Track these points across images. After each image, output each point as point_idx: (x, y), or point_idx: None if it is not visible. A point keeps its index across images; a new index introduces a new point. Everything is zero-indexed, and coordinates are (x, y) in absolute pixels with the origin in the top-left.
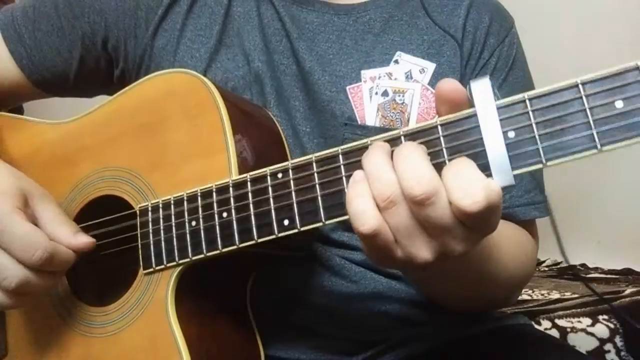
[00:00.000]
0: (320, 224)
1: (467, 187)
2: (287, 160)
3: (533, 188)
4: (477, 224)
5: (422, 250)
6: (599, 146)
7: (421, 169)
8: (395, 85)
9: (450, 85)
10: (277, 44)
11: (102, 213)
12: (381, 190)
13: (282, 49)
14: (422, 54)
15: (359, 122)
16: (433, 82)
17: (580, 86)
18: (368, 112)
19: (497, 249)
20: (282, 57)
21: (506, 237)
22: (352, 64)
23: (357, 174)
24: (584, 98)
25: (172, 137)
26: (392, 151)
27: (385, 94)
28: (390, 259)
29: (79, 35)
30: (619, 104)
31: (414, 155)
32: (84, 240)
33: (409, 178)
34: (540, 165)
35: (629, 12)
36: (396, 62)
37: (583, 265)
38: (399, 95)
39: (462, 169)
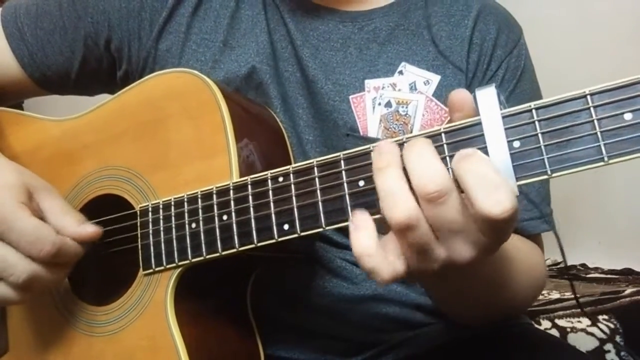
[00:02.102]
0: (321, 229)
1: (491, 191)
2: (289, 160)
3: (541, 201)
4: (494, 230)
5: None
6: (605, 158)
7: (434, 165)
8: (399, 96)
9: (462, 95)
10: (283, 50)
11: (103, 212)
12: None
13: (287, 55)
14: (427, 66)
15: (361, 133)
16: (437, 94)
17: (588, 97)
18: (370, 123)
19: (510, 260)
20: (287, 64)
21: (518, 248)
22: (356, 73)
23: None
24: (592, 109)
25: (173, 137)
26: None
27: (388, 104)
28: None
29: (81, 35)
30: (628, 116)
31: (425, 151)
32: (89, 229)
33: (420, 175)
34: (545, 177)
35: (635, 14)
36: (400, 72)
37: (583, 265)
38: (403, 107)
39: (479, 166)
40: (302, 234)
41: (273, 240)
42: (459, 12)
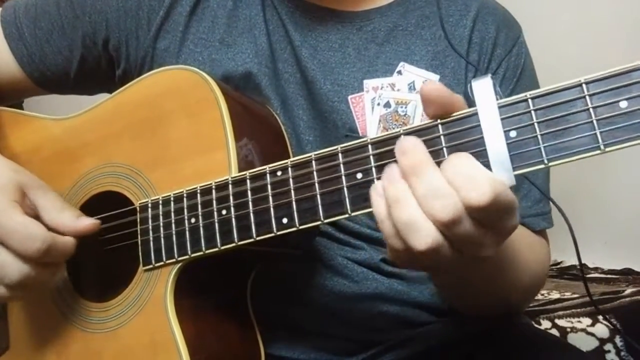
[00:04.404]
0: (319, 222)
1: (472, 181)
2: (288, 156)
3: (542, 199)
4: (489, 218)
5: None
6: (602, 147)
7: (442, 191)
8: (398, 96)
9: (437, 86)
10: (282, 51)
11: (103, 209)
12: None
13: (287, 56)
14: (425, 65)
15: (360, 134)
16: None
17: (583, 85)
18: (369, 124)
19: (514, 251)
20: (287, 64)
21: (523, 241)
22: (355, 73)
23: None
24: (587, 97)
25: (173, 133)
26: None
27: (387, 105)
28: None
29: (79, 35)
30: (623, 104)
31: (431, 180)
32: (87, 222)
33: (432, 205)
34: (541, 166)
35: (634, 12)
36: (399, 72)
37: (583, 265)
38: (402, 107)
39: (461, 163)
40: (301, 227)
41: (272, 234)
42: (458, 12)
